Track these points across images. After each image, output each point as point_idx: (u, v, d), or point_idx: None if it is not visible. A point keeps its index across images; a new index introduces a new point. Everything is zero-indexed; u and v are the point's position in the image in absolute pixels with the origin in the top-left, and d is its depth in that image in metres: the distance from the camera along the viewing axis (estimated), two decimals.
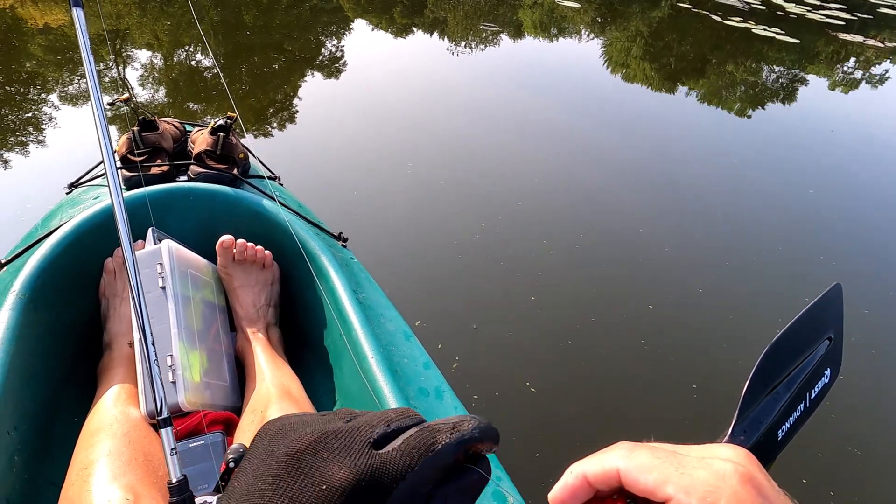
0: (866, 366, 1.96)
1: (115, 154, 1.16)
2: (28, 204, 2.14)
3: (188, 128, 1.38)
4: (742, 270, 2.37)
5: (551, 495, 0.27)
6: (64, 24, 4.03)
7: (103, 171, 1.26)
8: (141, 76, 3.49)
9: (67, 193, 1.23)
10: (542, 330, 1.90)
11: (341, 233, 1.24)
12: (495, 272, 2.14)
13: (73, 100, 2.97)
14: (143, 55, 3.84)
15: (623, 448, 0.26)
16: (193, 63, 3.83)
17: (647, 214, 2.72)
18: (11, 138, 2.63)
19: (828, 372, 0.80)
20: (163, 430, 0.65)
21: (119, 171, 1.12)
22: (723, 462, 0.24)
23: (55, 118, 2.81)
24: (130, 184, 1.11)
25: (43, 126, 2.74)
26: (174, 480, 0.63)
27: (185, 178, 1.17)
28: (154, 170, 1.14)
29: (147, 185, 1.09)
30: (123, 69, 3.53)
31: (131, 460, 0.74)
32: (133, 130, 1.16)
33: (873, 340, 2.07)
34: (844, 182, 3.41)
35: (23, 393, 0.82)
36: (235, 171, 1.20)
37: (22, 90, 3.05)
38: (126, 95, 1.19)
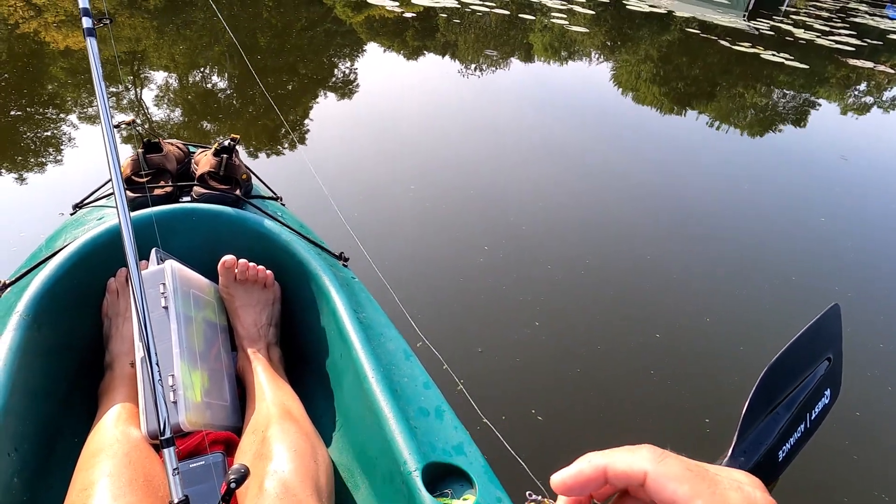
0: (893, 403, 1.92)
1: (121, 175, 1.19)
2: (22, 233, 2.15)
3: (192, 149, 1.40)
4: (751, 299, 2.34)
5: (557, 477, 0.26)
6: (83, 47, 4.12)
7: (108, 193, 1.28)
8: (156, 97, 3.57)
9: (72, 214, 1.25)
10: (547, 356, 1.89)
11: (342, 252, 1.26)
12: (499, 296, 2.14)
13: (80, 122, 3.04)
14: (160, 77, 3.92)
15: (652, 452, 0.25)
16: (209, 84, 3.91)
17: (655, 239, 2.71)
18: (18, 158, 2.68)
19: (828, 392, 0.81)
20: (165, 451, 0.66)
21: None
22: (752, 489, 0.24)
23: (64, 140, 2.87)
24: (134, 205, 1.13)
25: (48, 148, 2.79)
26: (176, 501, 0.64)
27: (188, 198, 1.19)
28: (158, 191, 1.16)
29: (151, 205, 1.11)
30: (140, 91, 3.60)
31: (132, 481, 0.75)
32: (138, 152, 1.18)
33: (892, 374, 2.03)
34: (855, 210, 3.40)
35: (24, 414, 0.83)
36: (238, 192, 1.22)
37: (40, 111, 3.12)
38: (130, 119, 1.21)
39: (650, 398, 1.79)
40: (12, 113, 3.07)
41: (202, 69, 4.14)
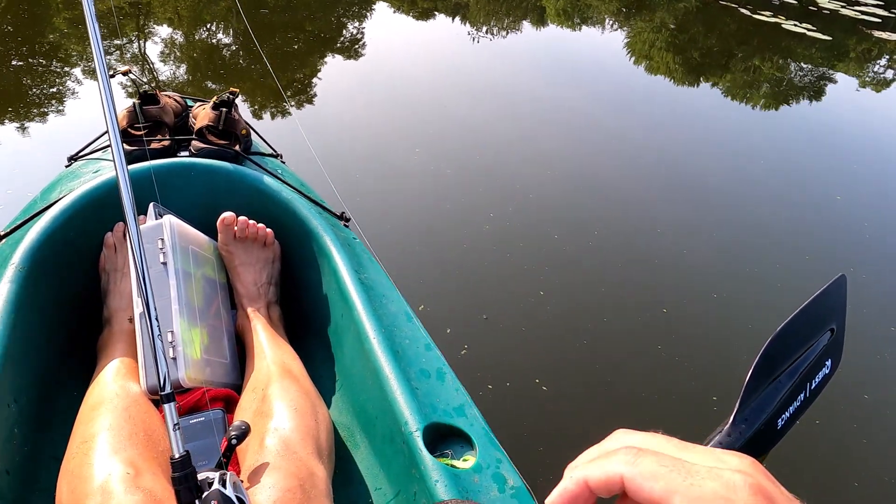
0: None
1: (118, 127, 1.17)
2: (16, 187, 2.13)
3: (189, 102, 1.37)
4: (763, 277, 2.30)
5: (550, 500, 0.27)
6: None
7: (104, 145, 1.26)
8: (161, 52, 3.51)
9: (67, 166, 1.23)
10: (553, 326, 1.88)
11: (343, 212, 1.25)
12: (503, 264, 2.12)
13: (78, 74, 2.98)
14: (164, 31, 3.84)
15: (626, 454, 0.25)
16: (213, 41, 3.83)
17: (666, 213, 2.66)
18: (20, 108, 2.64)
19: (828, 363, 0.82)
20: (166, 406, 0.66)
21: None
22: (732, 473, 0.23)
23: (62, 91, 2.82)
24: (131, 158, 1.11)
25: (47, 99, 2.74)
26: (177, 455, 0.64)
27: (186, 153, 1.17)
28: (155, 144, 1.14)
29: (148, 159, 1.09)
30: (144, 44, 3.53)
31: (132, 435, 0.76)
32: (134, 103, 1.15)
33: None
34: (874, 188, 3.29)
35: (22, 365, 0.83)
36: (237, 148, 1.20)
37: (41, 61, 3.06)
38: (126, 68, 1.18)
39: (657, 373, 1.77)
40: (14, 63, 3.02)
41: (208, 25, 4.05)
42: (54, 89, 2.83)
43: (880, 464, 1.62)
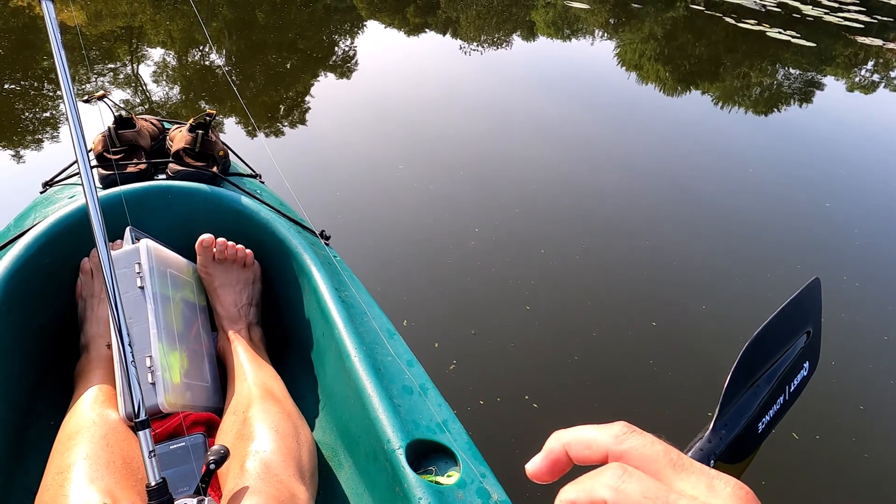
0: None
1: (91, 152, 1.16)
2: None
3: (166, 125, 1.37)
4: (753, 287, 2.29)
5: (531, 467, 0.27)
6: (81, 24, 4.12)
7: (78, 170, 1.25)
8: (154, 73, 3.53)
9: (42, 192, 1.22)
10: (541, 343, 1.86)
11: (323, 231, 1.25)
12: (489, 279, 2.10)
13: (48, 98, 2.98)
14: (157, 53, 3.87)
15: (612, 476, 0.24)
16: (207, 62, 3.86)
17: (655, 225, 2.64)
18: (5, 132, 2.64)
19: (806, 365, 0.83)
20: (140, 433, 0.66)
21: (95, 169, 1.11)
22: (713, 499, 0.22)
23: (42, 116, 2.82)
24: (107, 182, 1.11)
25: (29, 124, 2.75)
26: (153, 483, 0.64)
27: (163, 176, 1.17)
28: (131, 168, 1.14)
29: (124, 183, 1.09)
30: (137, 67, 3.55)
31: (109, 463, 0.75)
32: (109, 128, 1.15)
33: None
34: (862, 193, 3.27)
35: None
36: (215, 169, 1.20)
37: (34, 86, 3.07)
38: (101, 93, 1.18)
39: (649, 389, 1.74)
40: (5, 86, 3.02)
41: (201, 46, 4.09)
42: (33, 115, 2.83)
43: (882, 478, 1.57)
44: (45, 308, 0.98)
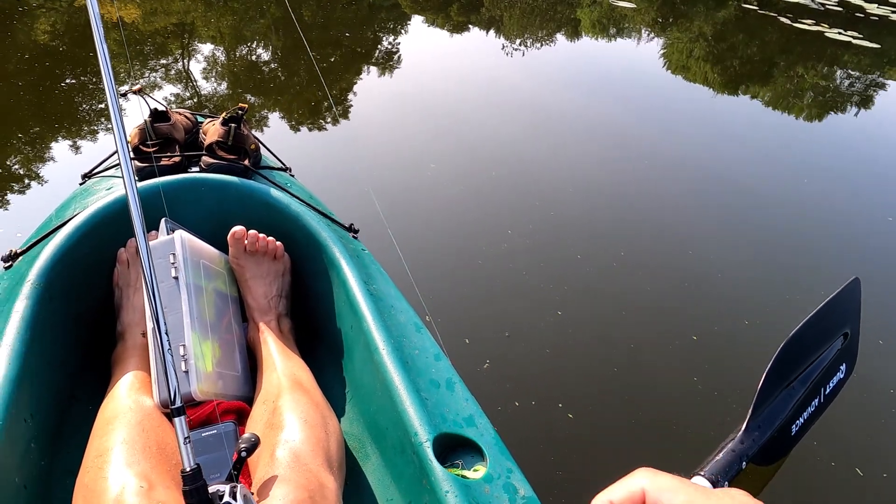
0: None
1: (128, 144, 1.19)
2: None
3: (200, 119, 1.40)
4: (802, 306, 2.13)
5: None
6: (136, 19, 4.26)
7: (117, 162, 1.29)
8: (204, 69, 3.64)
9: (81, 184, 1.26)
10: (577, 352, 1.81)
11: (352, 224, 1.26)
12: (521, 283, 2.05)
13: (99, 92, 3.07)
14: (207, 48, 3.98)
15: (646, 472, 0.27)
16: (253, 57, 3.94)
17: (699, 234, 2.52)
18: (54, 125, 2.72)
19: (843, 367, 0.81)
20: (176, 420, 0.68)
21: (132, 161, 1.14)
22: (744, 497, 0.25)
23: (84, 110, 2.91)
24: (143, 174, 1.13)
25: (78, 119, 2.83)
26: (188, 469, 0.66)
27: (196, 168, 1.19)
28: (166, 161, 1.16)
29: (159, 175, 1.12)
30: (188, 62, 3.65)
31: (145, 448, 0.77)
32: (146, 121, 1.18)
33: None
34: None
35: (39, 381, 0.85)
36: (247, 162, 1.22)
37: (89, 80, 3.17)
38: (138, 87, 1.21)
39: (693, 408, 1.65)
40: (67, 81, 3.12)
41: (249, 42, 4.19)
42: (80, 107, 2.92)
43: None
44: (84, 297, 1.01)
